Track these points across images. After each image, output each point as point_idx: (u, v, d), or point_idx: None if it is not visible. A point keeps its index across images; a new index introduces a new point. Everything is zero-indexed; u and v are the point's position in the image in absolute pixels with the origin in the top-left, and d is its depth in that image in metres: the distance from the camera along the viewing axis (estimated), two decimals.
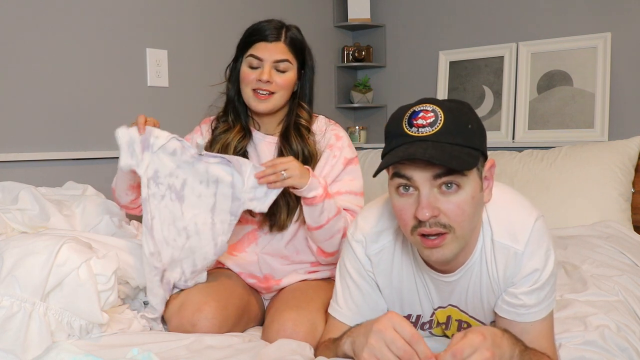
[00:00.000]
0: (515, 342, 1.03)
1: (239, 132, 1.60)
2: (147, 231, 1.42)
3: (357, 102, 3.23)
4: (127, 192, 1.55)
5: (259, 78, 1.54)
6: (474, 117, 1.04)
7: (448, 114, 1.01)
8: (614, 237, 2.04)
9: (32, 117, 1.88)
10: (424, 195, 1.00)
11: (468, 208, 1.01)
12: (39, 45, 1.89)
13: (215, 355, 1.21)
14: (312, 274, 1.61)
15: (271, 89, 1.55)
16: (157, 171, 1.42)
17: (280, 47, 1.55)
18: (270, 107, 1.57)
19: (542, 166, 2.38)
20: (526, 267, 1.10)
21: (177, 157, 1.42)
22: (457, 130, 1.00)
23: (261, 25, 1.57)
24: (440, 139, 0.99)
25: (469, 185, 1.01)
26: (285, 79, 1.57)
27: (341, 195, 1.56)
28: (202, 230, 1.45)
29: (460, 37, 2.97)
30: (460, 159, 0.98)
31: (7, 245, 1.25)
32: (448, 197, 1.00)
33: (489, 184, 1.07)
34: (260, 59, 1.55)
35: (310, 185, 1.41)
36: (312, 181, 1.41)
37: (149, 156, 1.41)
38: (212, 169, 1.42)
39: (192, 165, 1.42)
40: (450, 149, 0.98)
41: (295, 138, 1.58)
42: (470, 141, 1.01)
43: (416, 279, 1.19)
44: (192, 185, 1.43)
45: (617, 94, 2.56)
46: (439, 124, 1.00)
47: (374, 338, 0.96)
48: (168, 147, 1.42)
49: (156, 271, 1.42)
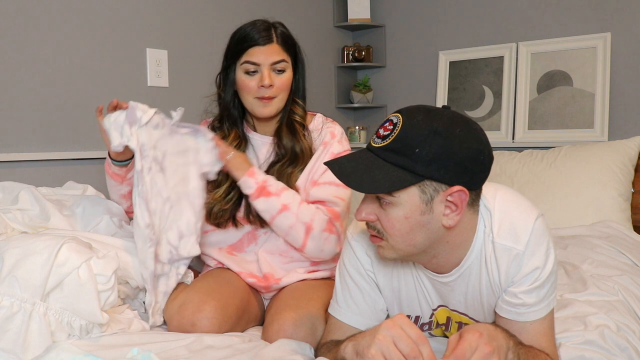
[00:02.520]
0: (508, 335, 1.04)
1: (234, 139, 1.61)
2: (143, 202, 1.42)
3: (357, 102, 3.23)
4: (121, 201, 1.60)
5: (260, 84, 1.54)
6: (440, 143, 0.99)
7: (404, 130, 1.01)
8: (613, 237, 2.04)
9: (32, 117, 1.88)
10: (361, 205, 1.08)
11: (399, 226, 1.03)
12: (39, 45, 1.89)
13: (215, 355, 1.21)
14: (311, 273, 1.61)
15: (273, 93, 1.55)
16: (144, 144, 1.44)
17: (275, 48, 1.55)
18: (274, 110, 1.58)
19: (542, 166, 2.38)
20: (526, 266, 1.10)
21: (159, 130, 1.47)
22: (400, 151, 1.01)
23: (249, 30, 1.56)
24: (381, 154, 1.03)
25: (402, 205, 1.02)
26: (285, 79, 1.57)
27: (319, 185, 1.56)
28: (181, 197, 1.50)
29: (460, 37, 2.97)
30: (375, 183, 1.01)
31: (7, 245, 1.25)
32: (385, 209, 1.04)
33: (455, 209, 1.04)
34: (256, 63, 1.54)
35: (243, 182, 1.50)
36: (245, 179, 1.50)
37: (136, 130, 1.44)
38: (183, 139, 1.50)
39: (170, 137, 1.49)
40: (380, 168, 1.01)
41: (287, 135, 1.59)
42: (410, 165, 1.00)
43: (414, 279, 1.19)
44: (170, 157, 1.49)
45: (617, 94, 2.56)
46: (389, 139, 1.02)
47: (382, 334, 0.96)
48: (153, 120, 1.46)
49: (150, 242, 1.42)
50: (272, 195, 1.50)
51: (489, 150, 1.06)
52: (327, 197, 1.56)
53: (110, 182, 1.58)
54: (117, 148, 1.43)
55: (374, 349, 0.96)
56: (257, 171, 1.53)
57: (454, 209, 1.03)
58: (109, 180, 1.58)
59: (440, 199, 1.02)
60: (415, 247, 1.06)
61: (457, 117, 1.04)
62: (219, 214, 1.56)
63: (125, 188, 1.57)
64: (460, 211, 1.04)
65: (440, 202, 1.02)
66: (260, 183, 1.50)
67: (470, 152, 1.01)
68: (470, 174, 1.02)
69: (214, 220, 1.58)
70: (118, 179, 1.55)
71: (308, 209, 1.53)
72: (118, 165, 1.53)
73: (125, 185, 1.56)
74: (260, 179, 1.51)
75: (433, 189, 1.01)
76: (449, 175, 1.00)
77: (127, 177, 1.55)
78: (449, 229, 1.06)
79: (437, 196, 1.02)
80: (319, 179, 1.57)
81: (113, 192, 1.60)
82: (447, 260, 1.11)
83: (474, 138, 1.03)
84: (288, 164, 1.57)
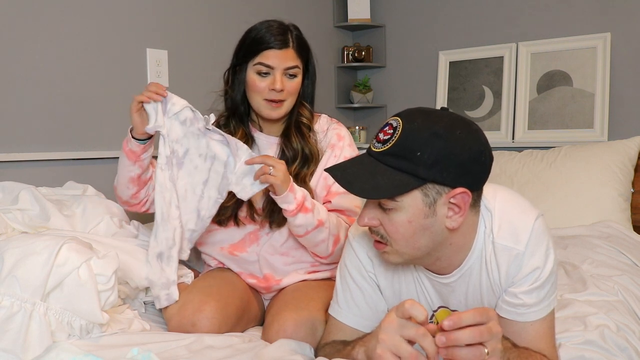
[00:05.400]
0: None
1: (241, 138, 1.60)
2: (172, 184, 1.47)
3: (357, 102, 3.23)
4: (129, 186, 1.56)
5: (272, 87, 1.53)
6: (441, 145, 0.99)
7: (404, 134, 1.01)
8: (613, 237, 2.04)
9: (32, 117, 1.88)
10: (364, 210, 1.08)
11: (403, 230, 1.03)
12: (39, 45, 1.89)
13: (215, 355, 1.21)
14: (312, 274, 1.61)
15: (283, 97, 1.55)
16: (169, 134, 1.47)
17: (290, 54, 1.54)
18: (282, 113, 1.58)
19: (542, 166, 2.38)
20: (527, 266, 1.10)
21: (186, 127, 1.47)
22: (401, 155, 1.00)
23: (265, 31, 1.54)
24: (383, 159, 1.02)
25: (405, 209, 1.02)
26: (295, 84, 1.57)
27: (338, 195, 1.57)
28: (189, 197, 1.50)
29: (460, 37, 2.97)
30: (378, 188, 1.00)
31: (8, 245, 1.24)
32: (388, 214, 1.04)
33: (458, 211, 1.04)
34: (270, 67, 1.53)
35: (284, 197, 1.43)
36: (287, 195, 1.42)
37: (167, 119, 1.47)
38: (212, 145, 1.48)
39: (197, 138, 1.47)
40: (382, 173, 1.01)
41: (295, 137, 1.58)
42: (412, 169, 1.00)
43: (415, 280, 1.19)
44: (192, 156, 1.49)
45: (617, 94, 2.56)
46: (390, 143, 1.02)
47: (384, 333, 0.96)
48: (181, 115, 1.46)
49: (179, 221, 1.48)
50: (309, 212, 1.46)
51: (489, 151, 1.06)
52: (349, 206, 1.58)
53: (123, 162, 1.54)
54: (149, 130, 1.46)
55: (379, 349, 0.96)
56: (295, 186, 1.46)
57: (457, 211, 1.03)
58: (122, 159, 1.54)
59: (443, 201, 1.02)
60: (419, 251, 1.06)
61: (456, 118, 1.04)
62: (220, 212, 1.55)
63: (136, 170, 1.53)
64: (463, 213, 1.04)
65: (443, 204, 1.02)
66: (299, 200, 1.45)
67: (472, 153, 1.01)
68: (471, 175, 1.02)
69: (215, 218, 1.58)
70: (132, 156, 1.52)
71: (336, 222, 1.54)
72: (137, 142, 1.51)
73: (137, 166, 1.53)
74: (299, 195, 1.45)
75: (436, 191, 1.01)
76: (451, 178, 1.00)
77: (141, 157, 1.52)
78: (452, 231, 1.06)
79: (439, 199, 1.02)
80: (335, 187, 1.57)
81: (123, 174, 1.55)
82: (450, 262, 1.11)
83: (474, 139, 1.03)
84: (300, 165, 1.57)
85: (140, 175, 1.54)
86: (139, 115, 1.47)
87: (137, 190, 1.57)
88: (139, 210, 1.62)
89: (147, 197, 1.60)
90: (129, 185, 1.56)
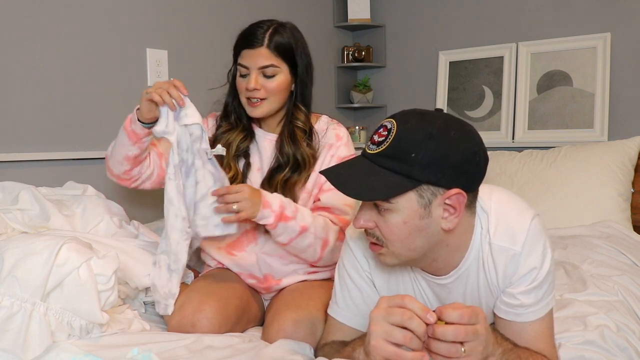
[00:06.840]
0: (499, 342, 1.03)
1: (241, 132, 1.61)
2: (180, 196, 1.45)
3: (357, 102, 3.23)
4: (123, 162, 1.55)
5: (246, 87, 1.55)
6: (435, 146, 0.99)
7: (398, 135, 1.01)
8: (613, 237, 2.04)
9: (32, 117, 1.88)
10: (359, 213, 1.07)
11: (398, 231, 1.03)
12: (39, 45, 1.89)
13: (215, 355, 1.21)
14: (312, 274, 1.61)
15: (261, 96, 1.55)
16: (180, 142, 1.44)
17: (263, 53, 1.53)
18: (264, 112, 1.58)
19: (542, 166, 2.38)
20: (524, 266, 1.10)
21: (190, 142, 1.44)
22: (396, 156, 1.00)
23: (243, 32, 1.57)
24: (377, 160, 1.02)
25: (400, 211, 1.02)
26: (275, 83, 1.55)
27: (327, 192, 1.56)
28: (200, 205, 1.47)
29: (460, 37, 2.97)
30: (372, 190, 1.01)
31: (8, 245, 1.25)
32: (383, 216, 1.04)
33: (454, 212, 1.04)
34: (246, 67, 1.55)
35: (260, 215, 1.43)
36: (261, 212, 1.42)
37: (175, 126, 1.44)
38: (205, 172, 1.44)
39: (194, 157, 1.45)
40: (377, 175, 1.01)
41: (287, 143, 1.58)
42: (407, 170, 1.00)
43: (412, 282, 1.20)
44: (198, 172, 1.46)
45: (617, 94, 2.56)
46: (384, 145, 1.02)
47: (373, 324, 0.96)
48: (191, 129, 1.43)
49: (187, 235, 1.46)
50: (291, 219, 1.46)
51: (484, 151, 1.06)
52: (337, 204, 1.56)
53: (123, 139, 1.52)
54: (157, 135, 1.44)
55: (372, 340, 0.96)
56: (270, 198, 1.45)
57: (452, 212, 1.03)
58: (122, 136, 1.52)
59: (438, 202, 1.02)
60: (415, 252, 1.06)
61: (450, 119, 1.04)
62: None
63: (134, 150, 1.52)
64: (458, 214, 1.04)
65: (439, 205, 1.02)
66: (277, 211, 1.44)
67: (466, 154, 1.01)
68: (466, 176, 1.02)
69: None
70: (134, 137, 1.50)
71: (323, 224, 1.52)
72: (142, 125, 1.49)
73: (136, 147, 1.52)
74: (276, 207, 1.45)
75: (431, 193, 1.01)
76: (445, 179, 1.00)
77: (142, 140, 1.51)
78: (448, 232, 1.06)
79: (435, 200, 1.02)
80: (327, 184, 1.55)
81: (120, 151, 1.54)
82: (446, 263, 1.11)
83: (469, 140, 1.03)
84: (291, 172, 1.57)
85: (137, 155, 1.54)
86: (148, 104, 1.44)
87: (130, 167, 1.56)
88: (128, 186, 1.61)
89: (140, 175, 1.59)
90: (123, 162, 1.54)
